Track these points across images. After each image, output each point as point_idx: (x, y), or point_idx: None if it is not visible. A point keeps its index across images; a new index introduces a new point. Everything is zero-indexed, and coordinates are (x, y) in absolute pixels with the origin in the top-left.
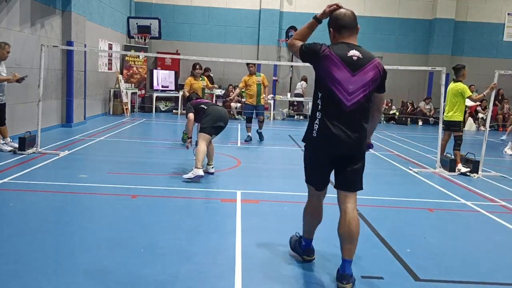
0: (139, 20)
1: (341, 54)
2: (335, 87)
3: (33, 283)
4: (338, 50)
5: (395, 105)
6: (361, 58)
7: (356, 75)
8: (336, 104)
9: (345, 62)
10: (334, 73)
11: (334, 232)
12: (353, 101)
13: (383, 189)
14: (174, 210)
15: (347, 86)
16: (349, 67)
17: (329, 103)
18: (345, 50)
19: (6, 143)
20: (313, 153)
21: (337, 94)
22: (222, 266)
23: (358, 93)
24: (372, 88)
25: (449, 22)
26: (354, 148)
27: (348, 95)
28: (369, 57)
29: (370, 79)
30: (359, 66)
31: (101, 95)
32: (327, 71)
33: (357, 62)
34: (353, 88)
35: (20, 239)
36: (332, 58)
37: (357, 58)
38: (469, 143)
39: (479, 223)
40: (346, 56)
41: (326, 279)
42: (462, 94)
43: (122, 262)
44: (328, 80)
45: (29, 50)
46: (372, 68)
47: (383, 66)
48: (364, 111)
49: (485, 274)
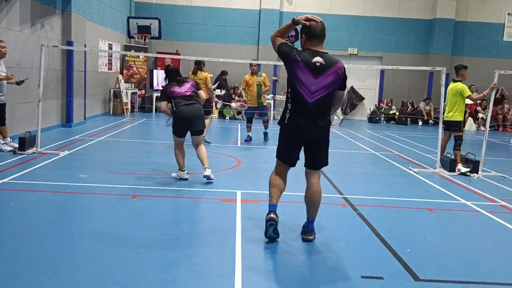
0: (139, 20)
1: (306, 60)
2: (300, 87)
3: (33, 283)
4: (304, 56)
5: (395, 105)
6: (323, 64)
7: (318, 78)
8: (301, 101)
9: (309, 67)
10: (299, 76)
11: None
12: (315, 98)
13: (383, 189)
14: (174, 210)
15: (310, 87)
16: (312, 72)
17: (296, 99)
18: (310, 57)
19: (6, 143)
20: (284, 136)
21: (302, 92)
22: (222, 266)
23: (320, 93)
24: (333, 88)
25: (449, 22)
26: (317, 136)
27: (311, 94)
28: (331, 63)
29: (330, 81)
30: (321, 71)
31: (101, 95)
32: (294, 73)
33: (319, 67)
34: (315, 89)
35: (20, 239)
36: (298, 63)
37: (319, 64)
38: (469, 143)
39: (479, 223)
40: (310, 62)
41: (326, 279)
42: (461, 94)
43: (122, 262)
44: (295, 81)
45: (29, 50)
46: (333, 72)
47: (344, 69)
48: (325, 106)
49: (485, 274)
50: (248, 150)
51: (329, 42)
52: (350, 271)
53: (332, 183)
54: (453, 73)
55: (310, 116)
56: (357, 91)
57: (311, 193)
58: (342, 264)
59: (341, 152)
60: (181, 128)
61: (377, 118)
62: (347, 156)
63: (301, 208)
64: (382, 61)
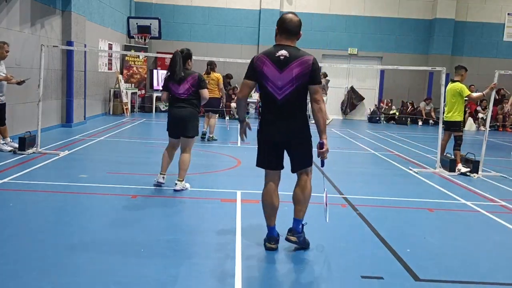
0: (139, 20)
1: (271, 55)
2: (267, 84)
3: (33, 283)
4: (269, 52)
5: (395, 105)
6: (288, 57)
7: (283, 72)
8: (271, 99)
9: (274, 62)
10: (265, 72)
11: (337, 236)
12: (283, 95)
13: (383, 189)
14: (174, 210)
15: (276, 82)
16: (277, 66)
17: (266, 98)
18: (275, 51)
19: (6, 143)
20: (259, 140)
21: (269, 89)
22: (222, 266)
23: (287, 88)
24: (300, 82)
25: (449, 22)
26: (290, 135)
27: (279, 90)
28: (297, 55)
29: (296, 75)
30: (285, 64)
31: (101, 95)
32: (260, 71)
33: (283, 61)
34: (281, 84)
35: (20, 239)
36: (264, 60)
37: (284, 57)
38: (469, 143)
39: (479, 223)
40: (275, 56)
41: (326, 279)
42: (460, 94)
43: (122, 262)
44: (262, 78)
45: (29, 50)
46: (298, 65)
47: (313, 62)
48: (295, 102)
49: (485, 274)
50: (248, 150)
51: (329, 42)
52: (350, 271)
53: (332, 183)
54: (453, 73)
55: (281, 114)
56: (357, 91)
57: (299, 190)
58: (342, 264)
59: (341, 152)
60: (169, 128)
61: (377, 118)
62: (347, 156)
63: None
64: (382, 61)
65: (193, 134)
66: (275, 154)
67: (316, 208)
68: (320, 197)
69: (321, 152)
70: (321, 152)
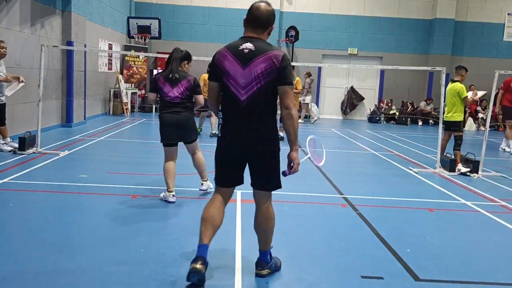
0: (139, 20)
1: (233, 49)
2: (229, 82)
3: (33, 283)
4: (231, 46)
5: (395, 105)
6: (253, 50)
7: (247, 67)
8: (233, 100)
9: (236, 56)
10: (226, 68)
11: (337, 236)
12: (247, 95)
13: (383, 189)
14: (174, 210)
15: (239, 80)
16: (240, 61)
17: (227, 100)
18: (239, 44)
19: (6, 143)
20: (217, 150)
21: (231, 89)
22: (222, 266)
23: (251, 86)
24: (267, 81)
25: (449, 22)
26: (255, 144)
27: (241, 89)
28: (263, 49)
29: (262, 71)
30: (249, 59)
31: (101, 95)
32: (221, 67)
33: (247, 55)
34: (245, 82)
35: (20, 239)
36: (225, 54)
37: (248, 51)
38: (469, 143)
39: (479, 223)
40: (238, 49)
41: (326, 279)
42: (459, 94)
43: (122, 262)
44: (223, 76)
45: (29, 50)
46: (265, 60)
47: (283, 59)
48: (261, 105)
49: (485, 274)
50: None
51: (329, 42)
52: (350, 271)
53: (332, 183)
54: (453, 73)
55: (244, 119)
56: (357, 91)
57: (260, 219)
58: (342, 264)
59: (341, 152)
60: (163, 135)
61: (377, 118)
62: (347, 156)
63: (301, 208)
64: (382, 61)
65: (195, 137)
66: (235, 168)
67: (316, 208)
68: (321, 197)
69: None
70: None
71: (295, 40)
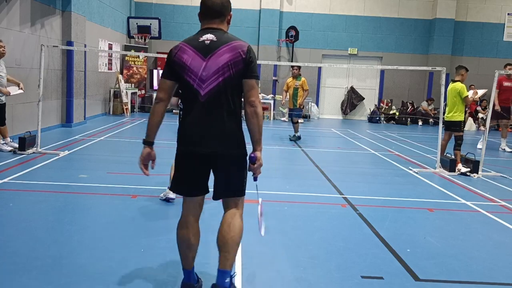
0: (139, 20)
1: (192, 41)
2: (188, 77)
3: (33, 283)
4: (190, 39)
5: (395, 105)
6: (215, 41)
7: (209, 59)
8: (193, 96)
9: (196, 48)
10: (186, 62)
11: (337, 236)
12: (208, 89)
13: (383, 189)
14: (174, 210)
15: (200, 72)
16: (201, 52)
17: (187, 96)
18: (199, 36)
19: (6, 143)
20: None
21: (191, 84)
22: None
23: (213, 79)
24: (231, 73)
25: (449, 22)
26: (217, 144)
27: (202, 82)
28: (227, 39)
29: (226, 62)
30: (212, 50)
31: (101, 95)
32: (180, 62)
33: (209, 46)
34: (206, 74)
35: (20, 239)
36: (184, 48)
37: (209, 42)
38: (469, 143)
39: (479, 223)
40: (198, 41)
41: (326, 279)
42: (460, 94)
43: (122, 262)
44: (182, 71)
45: (29, 50)
46: (229, 50)
47: (248, 49)
48: (224, 101)
49: (485, 274)
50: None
51: (329, 42)
52: (350, 271)
53: (332, 183)
54: (453, 73)
55: (205, 115)
56: (357, 91)
57: (224, 229)
58: (342, 264)
59: (341, 152)
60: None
61: (377, 118)
62: (347, 156)
63: (301, 208)
64: (382, 61)
65: None
66: (198, 173)
67: (316, 208)
68: (321, 197)
69: (253, 167)
70: (253, 168)
71: (295, 40)
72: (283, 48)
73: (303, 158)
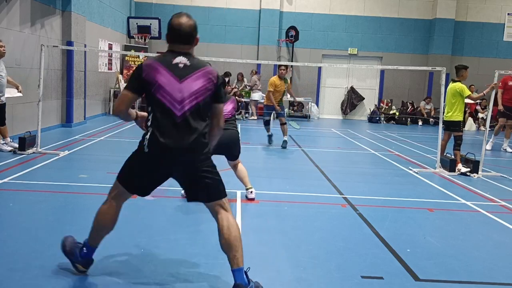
0: (139, 20)
1: (165, 62)
2: (161, 96)
3: (33, 283)
4: (163, 60)
5: (395, 105)
6: (188, 65)
7: (183, 82)
8: (167, 115)
9: (170, 70)
10: (159, 82)
11: (337, 236)
12: (183, 110)
13: (383, 189)
14: (174, 210)
15: (175, 94)
16: (175, 75)
17: (160, 115)
18: (171, 58)
19: (6, 143)
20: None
21: (163, 102)
22: (222, 266)
23: (188, 101)
24: (205, 96)
25: (449, 22)
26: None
27: (178, 104)
28: (199, 64)
29: (200, 87)
30: (186, 74)
31: (101, 95)
32: (153, 81)
33: (183, 70)
34: (181, 96)
35: (20, 239)
36: (157, 68)
37: (183, 66)
38: (469, 143)
39: (479, 223)
40: (171, 63)
41: (326, 279)
42: (460, 94)
43: (122, 262)
44: (155, 89)
45: (29, 50)
46: (202, 75)
47: (217, 75)
48: (197, 119)
49: (485, 274)
50: (248, 150)
51: (329, 42)
52: (350, 271)
53: (332, 183)
54: (453, 73)
55: (181, 133)
56: (357, 91)
57: (224, 233)
58: (342, 264)
59: (341, 152)
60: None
61: (377, 118)
62: (347, 156)
63: (301, 208)
64: (382, 61)
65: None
66: (157, 180)
67: (316, 208)
68: (321, 197)
69: None
70: None
71: (295, 40)
72: (283, 48)
73: (303, 158)
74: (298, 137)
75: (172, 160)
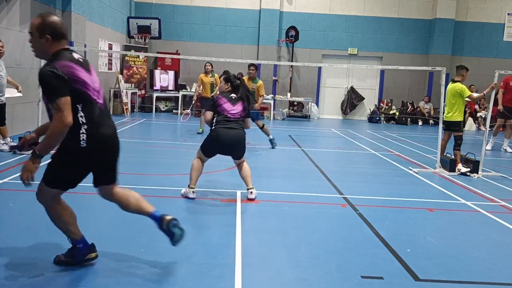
0: (139, 20)
1: (74, 60)
2: (88, 90)
3: (33, 283)
4: (71, 58)
5: (395, 105)
6: (84, 58)
7: (91, 74)
8: (93, 105)
9: (80, 65)
10: (83, 78)
11: (337, 236)
12: (102, 97)
13: (383, 189)
14: (174, 210)
15: (94, 84)
16: (85, 69)
17: (90, 108)
18: (70, 55)
19: (6, 143)
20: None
21: (89, 94)
22: (222, 266)
23: (101, 92)
24: None
25: (449, 22)
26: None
27: (98, 93)
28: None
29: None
30: (88, 66)
31: None
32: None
33: (85, 63)
34: (98, 86)
35: (20, 239)
36: (73, 66)
37: (83, 60)
38: (469, 143)
39: (479, 223)
40: (76, 59)
41: (326, 279)
42: (460, 94)
43: (122, 262)
44: (82, 85)
45: (29, 50)
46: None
47: None
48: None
49: (485, 274)
50: (248, 150)
51: (329, 42)
52: (350, 271)
53: (332, 183)
54: (453, 73)
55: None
56: (357, 91)
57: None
58: (342, 264)
59: (341, 152)
60: (213, 150)
61: (377, 118)
62: (347, 156)
63: (301, 208)
64: (382, 61)
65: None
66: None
67: (316, 208)
68: (321, 197)
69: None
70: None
71: (295, 40)
72: (283, 48)
73: (303, 158)
74: (298, 137)
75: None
